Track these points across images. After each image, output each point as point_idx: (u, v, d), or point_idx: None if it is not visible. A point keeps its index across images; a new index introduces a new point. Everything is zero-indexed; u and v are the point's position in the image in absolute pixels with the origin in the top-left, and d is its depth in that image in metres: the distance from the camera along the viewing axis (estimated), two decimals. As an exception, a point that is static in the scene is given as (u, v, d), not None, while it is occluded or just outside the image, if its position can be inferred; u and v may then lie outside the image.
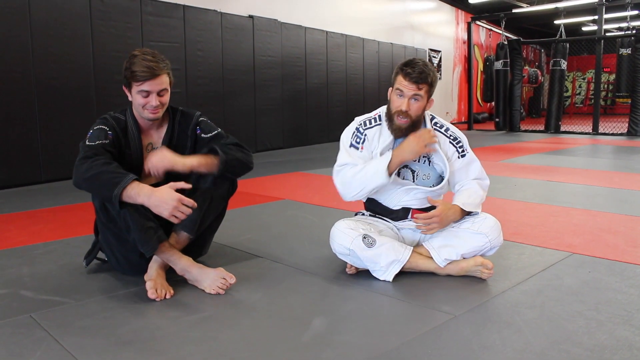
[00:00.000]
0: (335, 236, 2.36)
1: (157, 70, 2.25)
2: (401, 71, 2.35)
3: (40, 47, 5.22)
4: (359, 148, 2.43)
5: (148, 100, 2.28)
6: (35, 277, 2.44)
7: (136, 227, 2.14)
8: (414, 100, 2.33)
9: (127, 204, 2.11)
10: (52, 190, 4.88)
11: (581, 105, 19.02)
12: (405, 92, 2.32)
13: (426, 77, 2.31)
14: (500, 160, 6.70)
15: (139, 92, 2.27)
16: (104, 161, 2.15)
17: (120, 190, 2.07)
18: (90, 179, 2.12)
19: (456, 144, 2.50)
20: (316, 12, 9.15)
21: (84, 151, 2.20)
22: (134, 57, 2.27)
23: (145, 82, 2.25)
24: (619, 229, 3.19)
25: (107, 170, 2.12)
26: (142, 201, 2.09)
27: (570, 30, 13.41)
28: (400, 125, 2.37)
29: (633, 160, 6.75)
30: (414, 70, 2.30)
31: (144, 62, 2.23)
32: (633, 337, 1.77)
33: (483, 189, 2.48)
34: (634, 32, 10.50)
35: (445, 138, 2.49)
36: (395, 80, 2.38)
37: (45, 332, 1.85)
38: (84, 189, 2.18)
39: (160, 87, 2.28)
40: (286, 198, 4.34)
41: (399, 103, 2.34)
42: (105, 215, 2.25)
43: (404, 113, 2.33)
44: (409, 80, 2.31)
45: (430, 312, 2.02)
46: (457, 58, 14.36)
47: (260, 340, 1.79)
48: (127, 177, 2.10)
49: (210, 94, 7.16)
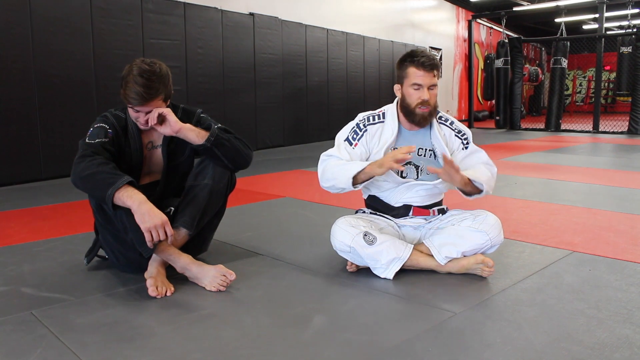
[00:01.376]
0: (336, 233, 2.36)
1: (148, 97, 2.21)
2: (412, 63, 2.35)
3: (41, 45, 5.22)
4: (352, 144, 2.44)
5: (138, 116, 2.28)
6: (36, 274, 2.44)
7: (133, 228, 2.13)
8: (431, 88, 2.37)
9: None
10: (53, 188, 4.88)
11: (582, 104, 19.01)
12: (424, 83, 2.35)
13: (437, 62, 2.37)
14: (500, 158, 6.71)
15: (131, 109, 2.27)
16: (101, 161, 2.14)
17: (114, 191, 2.06)
18: (86, 178, 2.11)
19: (461, 137, 2.52)
20: (317, 10, 9.14)
21: (83, 149, 2.20)
22: (129, 75, 2.21)
23: (135, 106, 2.24)
24: (620, 227, 3.19)
25: (103, 171, 2.11)
26: (130, 205, 2.07)
27: (571, 29, 13.40)
28: (423, 114, 2.39)
29: (633, 159, 6.75)
30: (426, 59, 2.33)
31: (136, 86, 2.18)
32: (633, 335, 1.77)
33: (491, 173, 2.48)
34: (634, 30, 10.49)
35: (450, 131, 2.51)
36: (406, 74, 2.39)
37: (46, 329, 1.85)
38: (80, 188, 2.18)
39: (150, 108, 2.26)
40: (287, 196, 4.34)
41: (419, 94, 2.36)
42: (102, 216, 2.25)
43: (426, 102, 2.36)
44: (424, 69, 2.33)
45: (430, 310, 2.02)
46: (458, 56, 14.35)
47: (261, 338, 1.79)
48: (122, 178, 2.09)
49: (210, 92, 7.15)
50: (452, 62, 14.11)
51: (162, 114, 2.25)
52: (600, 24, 11.36)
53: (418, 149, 2.47)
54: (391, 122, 2.46)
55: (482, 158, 2.52)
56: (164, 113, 2.25)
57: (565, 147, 8.27)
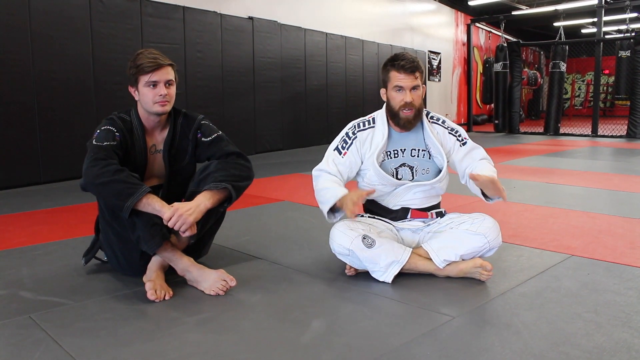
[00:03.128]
0: (334, 236, 2.36)
1: (163, 60, 2.31)
2: (393, 67, 2.41)
3: (40, 48, 5.22)
4: (342, 153, 2.48)
5: (157, 90, 2.30)
6: (35, 278, 2.44)
7: (142, 224, 2.15)
8: (414, 90, 2.40)
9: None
10: (52, 192, 4.88)
11: (580, 108, 19.05)
12: (405, 85, 2.38)
13: (418, 64, 2.40)
14: (499, 162, 6.71)
15: (147, 84, 2.30)
16: (117, 168, 2.15)
17: (134, 203, 2.10)
18: (102, 186, 2.12)
19: (455, 134, 2.54)
20: (316, 14, 9.16)
21: (94, 152, 2.18)
22: (138, 55, 2.33)
23: (152, 72, 2.28)
24: (618, 231, 3.20)
25: (120, 179, 2.12)
26: (159, 211, 2.16)
27: (570, 33, 13.42)
28: (407, 117, 2.42)
29: (632, 163, 6.76)
30: (406, 62, 2.37)
31: (149, 55, 2.30)
32: (632, 339, 1.77)
33: (492, 165, 2.51)
34: (633, 34, 10.52)
35: (443, 129, 2.54)
36: (388, 77, 2.44)
37: (44, 333, 1.85)
38: (92, 192, 2.18)
39: (167, 77, 2.32)
40: (285, 199, 4.34)
41: (402, 97, 2.40)
42: (111, 213, 2.25)
43: (409, 104, 2.38)
44: (404, 72, 2.37)
45: (429, 314, 2.02)
46: (457, 60, 14.38)
47: (260, 342, 1.79)
48: (141, 189, 2.13)
49: (209, 95, 7.16)
50: (451, 66, 14.13)
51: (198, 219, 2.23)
52: (598, 28, 11.37)
53: (411, 149, 2.49)
54: (381, 126, 2.49)
55: (481, 154, 2.56)
56: (198, 217, 2.22)
57: (564, 151, 8.28)
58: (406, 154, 2.49)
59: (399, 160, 2.48)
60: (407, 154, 2.48)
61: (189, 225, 2.16)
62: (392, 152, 2.49)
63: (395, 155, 2.49)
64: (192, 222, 2.17)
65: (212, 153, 2.45)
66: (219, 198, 2.29)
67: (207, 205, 2.24)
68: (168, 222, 2.14)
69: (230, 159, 2.41)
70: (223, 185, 2.27)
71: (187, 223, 2.15)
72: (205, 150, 2.47)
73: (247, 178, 2.42)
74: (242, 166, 2.41)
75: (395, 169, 2.47)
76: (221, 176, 2.30)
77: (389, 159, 2.48)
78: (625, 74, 10.52)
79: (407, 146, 2.49)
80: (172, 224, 2.14)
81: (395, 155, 2.49)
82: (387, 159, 2.48)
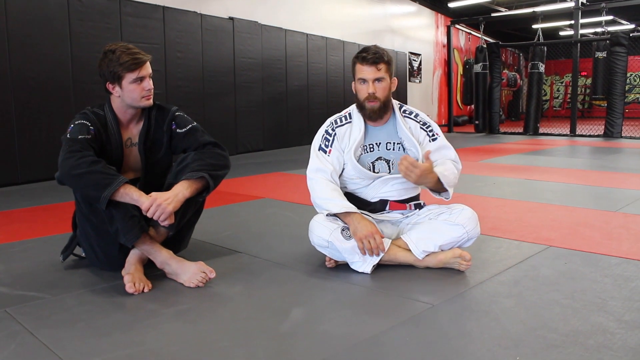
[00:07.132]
0: (314, 228, 2.36)
1: (144, 56, 2.32)
2: (357, 60, 2.44)
3: (17, 47, 5.15)
4: (327, 151, 2.48)
5: (143, 85, 2.31)
6: (11, 273, 2.41)
7: (120, 216, 2.13)
8: (377, 82, 2.41)
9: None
10: (30, 192, 4.81)
11: (559, 109, 19.26)
12: (367, 77, 2.40)
13: (382, 56, 2.41)
14: (479, 160, 6.76)
15: (134, 81, 2.29)
16: (93, 159, 2.13)
17: (111, 193, 2.08)
18: (78, 177, 2.10)
19: (426, 129, 2.55)
20: (297, 15, 9.16)
21: (69, 145, 2.17)
22: (113, 53, 2.28)
23: (139, 69, 2.28)
24: (595, 224, 3.24)
25: (96, 170, 2.11)
26: (137, 200, 2.15)
27: (548, 35, 13.59)
28: (372, 108, 2.43)
29: (609, 160, 6.86)
30: (368, 54, 2.40)
31: (130, 52, 2.28)
32: (607, 322, 1.80)
33: (457, 170, 2.51)
34: (609, 36, 10.68)
35: (415, 123, 2.55)
36: (354, 71, 2.47)
37: (20, 326, 1.82)
38: (68, 184, 2.16)
39: (149, 71, 2.35)
40: (265, 197, 4.33)
41: (366, 88, 2.42)
42: (88, 207, 2.23)
43: (372, 95, 2.40)
44: (367, 64, 2.40)
45: (408, 302, 2.03)
46: (437, 61, 14.48)
47: (239, 330, 1.79)
48: (118, 179, 2.11)
49: (190, 96, 7.12)
50: (432, 68, 14.22)
51: (176, 209, 2.21)
52: (575, 30, 11.55)
53: (386, 142, 2.51)
54: (357, 121, 2.51)
55: (450, 155, 2.54)
56: (177, 207, 2.20)
57: (543, 150, 8.37)
58: (381, 147, 2.50)
59: (375, 154, 2.49)
60: (382, 148, 2.50)
61: (168, 215, 2.14)
62: (368, 146, 2.50)
63: (371, 149, 2.50)
64: (170, 211, 2.15)
65: (188, 145, 2.44)
66: (196, 187, 2.28)
67: (185, 195, 2.22)
68: (147, 211, 2.12)
69: (206, 149, 2.41)
70: (200, 174, 2.26)
71: (166, 212, 2.14)
72: (180, 141, 2.46)
73: (224, 167, 2.41)
74: (219, 155, 2.41)
75: (372, 163, 2.48)
76: (198, 166, 2.30)
77: (365, 153, 2.49)
78: (602, 74, 10.70)
79: (382, 140, 2.50)
80: (151, 213, 2.12)
81: (371, 149, 2.50)
82: (363, 153, 2.49)
